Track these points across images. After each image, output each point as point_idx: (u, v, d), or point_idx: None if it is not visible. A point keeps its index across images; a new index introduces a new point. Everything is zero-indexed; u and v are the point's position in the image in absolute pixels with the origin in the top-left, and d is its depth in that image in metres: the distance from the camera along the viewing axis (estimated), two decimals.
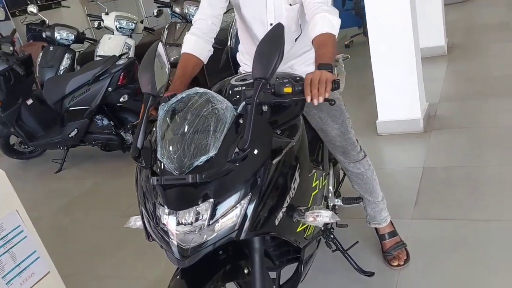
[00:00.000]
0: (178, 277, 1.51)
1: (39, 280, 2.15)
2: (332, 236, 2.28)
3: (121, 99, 4.12)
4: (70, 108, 4.27)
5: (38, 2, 8.19)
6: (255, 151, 1.44)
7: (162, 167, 1.42)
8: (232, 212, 1.39)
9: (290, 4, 1.96)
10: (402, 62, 3.64)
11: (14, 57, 4.52)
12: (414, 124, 3.74)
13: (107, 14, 5.30)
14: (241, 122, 1.47)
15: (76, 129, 4.34)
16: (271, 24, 1.98)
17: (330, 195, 2.35)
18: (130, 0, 9.13)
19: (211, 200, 1.36)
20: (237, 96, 1.70)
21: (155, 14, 5.44)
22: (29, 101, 4.70)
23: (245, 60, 2.25)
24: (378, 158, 3.58)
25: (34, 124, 4.72)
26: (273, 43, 1.49)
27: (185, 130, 1.43)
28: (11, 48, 4.54)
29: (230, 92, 1.76)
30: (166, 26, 5.14)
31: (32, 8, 5.53)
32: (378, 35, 3.67)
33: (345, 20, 3.54)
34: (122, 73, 4.08)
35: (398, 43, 3.61)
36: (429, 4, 5.50)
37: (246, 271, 1.58)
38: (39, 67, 5.27)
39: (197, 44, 1.94)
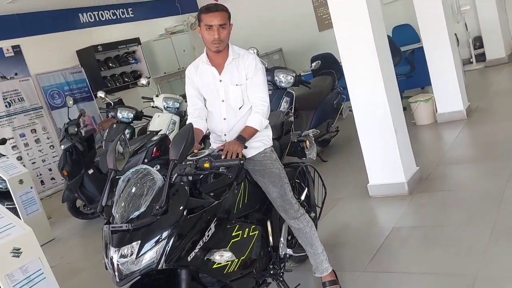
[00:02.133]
0: None
1: None
2: (281, 279, 2.81)
3: (154, 168, 4.95)
4: (117, 177, 5.17)
5: (117, 84, 9.62)
6: (173, 209, 2.12)
7: (112, 219, 2.14)
8: (153, 250, 2.06)
9: (237, 85, 2.70)
10: (383, 133, 4.12)
11: (77, 137, 5.60)
12: (399, 188, 4.16)
13: (157, 96, 6.34)
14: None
15: None
16: (223, 101, 2.72)
17: (281, 245, 2.91)
18: None
19: (139, 241, 2.05)
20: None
21: None
22: (90, 171, 5.72)
23: (213, 138, 2.94)
24: (362, 219, 4.03)
25: (94, 190, 5.69)
26: (183, 135, 2.20)
27: (129, 193, 2.16)
28: (76, 129, 5.63)
29: (183, 163, 2.46)
30: None
31: (100, 94, 6.75)
32: (360, 111, 4.21)
33: None
34: (155, 147, 4.96)
35: (378, 119, 4.12)
36: (445, 72, 5.91)
37: None
38: (105, 141, 6.37)
39: (195, 123, 2.69)
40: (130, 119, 6.39)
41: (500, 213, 3.38)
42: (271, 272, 2.78)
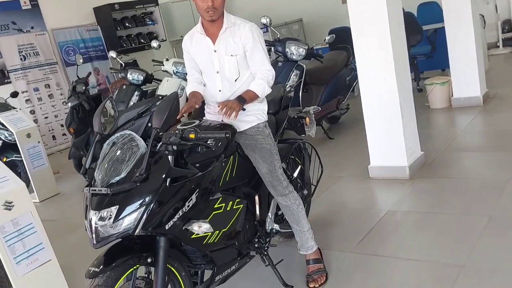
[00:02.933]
0: (102, 255, 2.16)
1: (41, 265, 2.92)
2: (265, 253, 2.81)
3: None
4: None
5: (133, 44, 9.57)
6: (154, 176, 2.10)
7: (94, 182, 2.14)
8: (131, 216, 2.06)
9: (232, 55, 2.62)
10: (389, 116, 4.03)
11: (84, 95, 5.61)
12: (400, 171, 4.08)
13: (167, 60, 6.28)
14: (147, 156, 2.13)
15: None
16: (217, 72, 2.66)
17: (268, 220, 2.90)
18: None
19: (117, 206, 2.05)
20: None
21: None
22: None
23: (208, 109, 2.90)
24: (358, 199, 3.99)
25: (99, 149, 5.72)
26: (167, 103, 2.17)
27: (112, 157, 2.16)
28: (83, 88, 5.63)
29: (172, 132, 2.43)
30: None
31: (112, 54, 6.72)
32: (368, 90, 4.11)
33: None
34: None
35: (385, 101, 4.02)
36: (465, 55, 5.73)
37: (149, 260, 2.18)
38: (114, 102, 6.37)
39: (195, 87, 2.74)
40: (140, 82, 6.35)
41: (498, 205, 3.31)
42: (256, 245, 2.77)
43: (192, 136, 2.24)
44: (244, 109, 2.57)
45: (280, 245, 3.09)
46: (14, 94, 6.67)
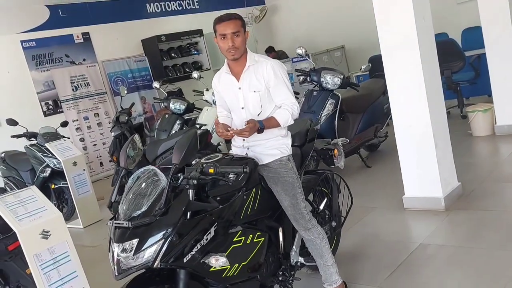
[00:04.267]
0: (124, 286, 2.25)
1: None
2: (290, 286, 2.82)
3: (193, 162, 5.08)
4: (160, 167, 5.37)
5: (178, 74, 9.89)
6: (173, 210, 2.19)
7: (118, 215, 2.25)
8: (150, 248, 2.15)
9: (255, 91, 2.73)
10: (422, 145, 3.96)
11: (127, 125, 5.84)
12: (435, 202, 3.98)
13: (207, 90, 6.46)
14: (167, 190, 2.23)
15: None
16: (242, 108, 2.78)
17: (293, 253, 2.91)
18: None
19: (137, 239, 2.15)
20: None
21: None
22: None
23: (234, 142, 2.98)
24: (391, 231, 3.91)
25: (124, 183, 5.92)
26: (187, 140, 2.27)
27: (135, 192, 2.27)
28: (126, 118, 5.88)
29: (193, 166, 2.52)
30: None
31: (155, 84, 6.99)
32: (400, 119, 4.07)
33: None
34: None
35: (418, 131, 3.98)
36: (507, 82, 5.57)
37: None
38: (156, 130, 6.60)
39: (224, 119, 2.86)
40: (182, 111, 6.56)
41: None
42: (280, 278, 2.79)
43: (211, 170, 2.32)
44: (261, 131, 2.64)
45: (305, 278, 3.08)
46: (64, 124, 7.01)
